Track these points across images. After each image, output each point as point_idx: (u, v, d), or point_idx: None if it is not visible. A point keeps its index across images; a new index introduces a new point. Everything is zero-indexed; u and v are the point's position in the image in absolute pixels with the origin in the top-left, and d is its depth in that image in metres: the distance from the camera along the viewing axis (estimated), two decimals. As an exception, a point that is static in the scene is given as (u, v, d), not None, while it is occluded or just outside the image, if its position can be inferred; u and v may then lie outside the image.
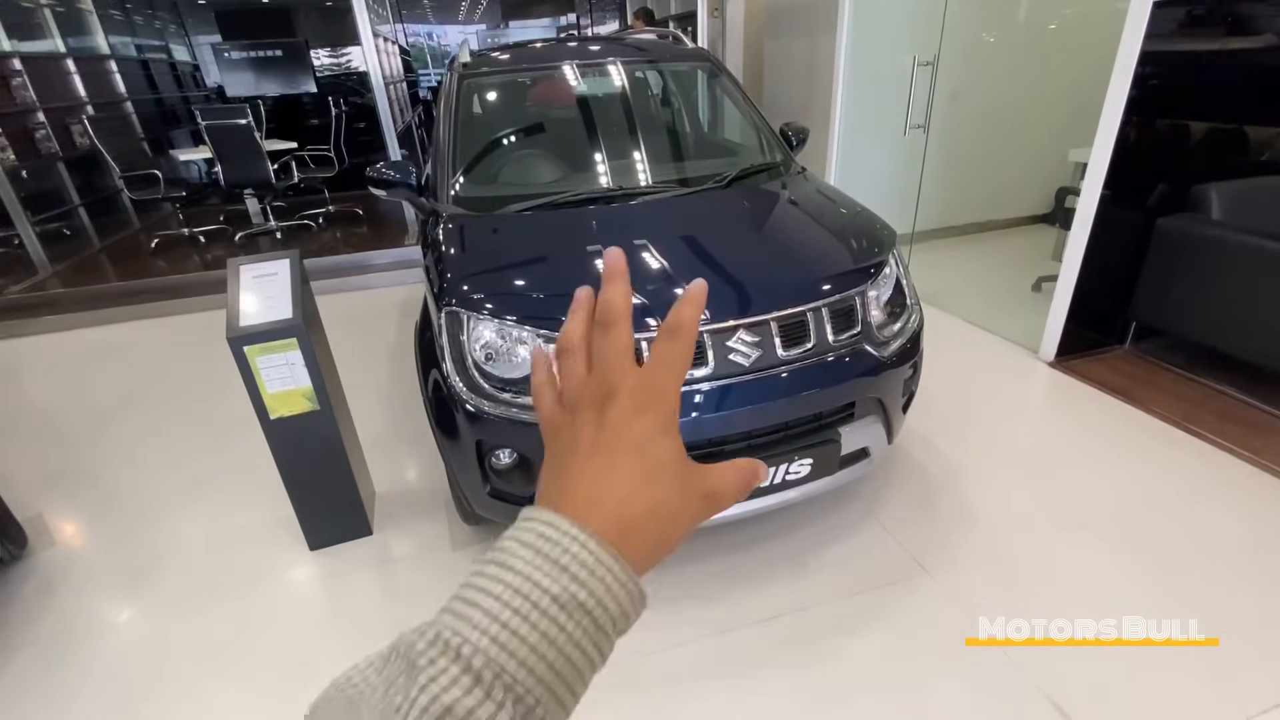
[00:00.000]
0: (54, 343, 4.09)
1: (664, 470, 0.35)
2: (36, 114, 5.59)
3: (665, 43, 3.28)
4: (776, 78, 5.09)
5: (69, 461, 2.79)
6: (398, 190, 2.50)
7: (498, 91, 2.94)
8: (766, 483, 1.79)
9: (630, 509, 0.33)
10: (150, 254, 5.47)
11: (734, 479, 0.38)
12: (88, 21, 6.71)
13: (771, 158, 2.64)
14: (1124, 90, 2.57)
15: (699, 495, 0.36)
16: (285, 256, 1.97)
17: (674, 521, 0.35)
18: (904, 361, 1.93)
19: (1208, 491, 2.23)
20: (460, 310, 1.76)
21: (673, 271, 1.87)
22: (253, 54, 6.77)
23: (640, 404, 0.35)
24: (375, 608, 1.97)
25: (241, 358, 1.82)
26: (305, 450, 2.02)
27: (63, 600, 2.05)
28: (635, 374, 0.36)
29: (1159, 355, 3.03)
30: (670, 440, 0.36)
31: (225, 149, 5.20)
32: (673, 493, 0.35)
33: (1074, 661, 1.66)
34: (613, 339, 0.37)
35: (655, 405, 0.36)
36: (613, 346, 0.37)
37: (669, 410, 0.36)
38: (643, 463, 0.34)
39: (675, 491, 0.35)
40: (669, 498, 0.35)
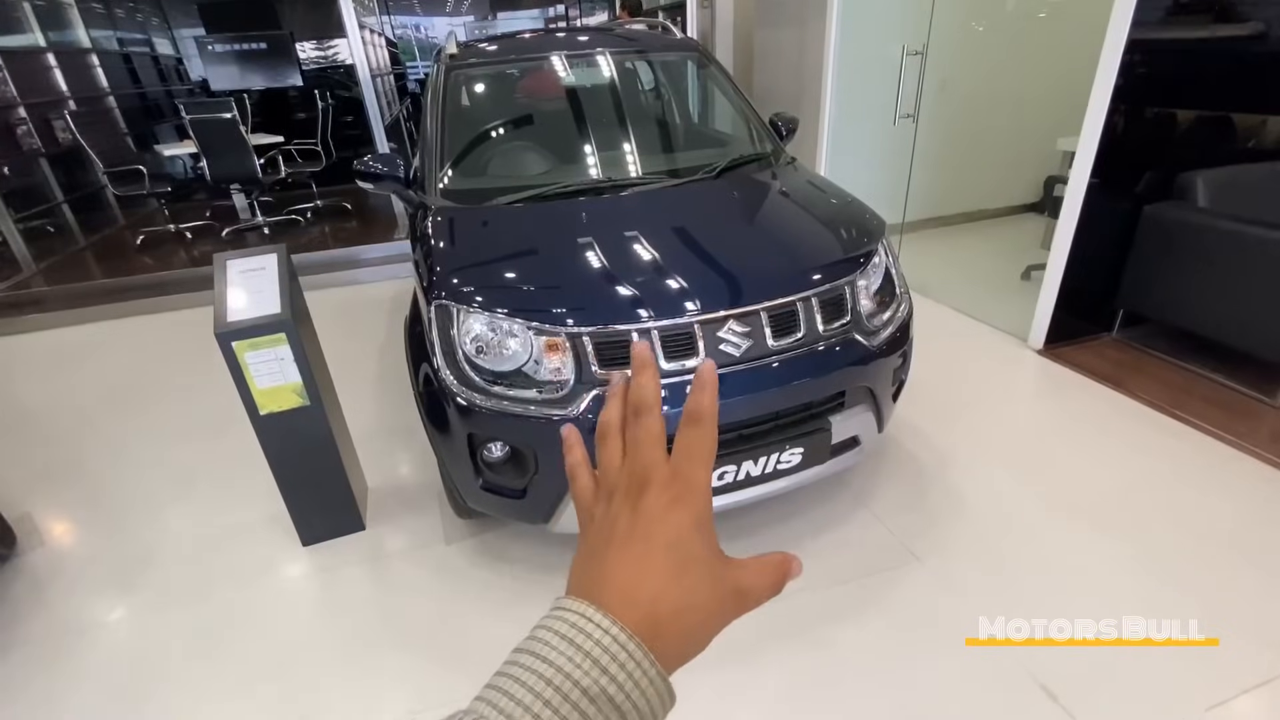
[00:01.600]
0: (39, 341, 4.05)
1: (697, 568, 0.35)
2: (17, 109, 5.50)
3: (654, 33, 3.26)
4: (766, 68, 5.07)
5: (57, 460, 2.77)
6: (385, 184, 2.48)
7: (485, 83, 2.92)
8: (758, 473, 1.80)
9: (663, 606, 0.33)
10: (136, 250, 5.41)
11: (767, 576, 0.38)
12: (68, 15, 6.59)
13: (761, 148, 2.64)
14: (1111, 78, 2.58)
15: (730, 592, 0.36)
16: (272, 251, 1.95)
17: (705, 621, 0.35)
18: (894, 350, 1.94)
19: (1195, 476, 2.26)
20: (450, 303, 1.76)
21: (663, 263, 1.87)
22: (237, 47, 6.67)
23: (675, 496, 0.36)
24: (369, 602, 1.97)
25: (230, 353, 1.80)
26: (296, 446, 2.01)
27: (53, 600, 2.04)
28: (669, 465, 0.37)
29: (1146, 342, 3.06)
30: (704, 537, 0.36)
31: (210, 143, 5.13)
32: (704, 591, 0.35)
33: (1063, 649, 1.69)
34: (646, 426, 0.38)
35: (689, 499, 0.36)
36: (646, 433, 0.38)
37: (703, 505, 0.36)
38: (676, 559, 0.35)
39: (706, 590, 0.35)
40: (701, 597, 0.35)
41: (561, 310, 1.72)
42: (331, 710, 1.66)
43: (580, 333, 1.69)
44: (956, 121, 4.46)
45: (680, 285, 1.77)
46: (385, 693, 1.68)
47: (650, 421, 0.38)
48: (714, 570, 0.36)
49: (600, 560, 0.35)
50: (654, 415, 0.39)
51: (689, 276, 1.80)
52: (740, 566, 0.37)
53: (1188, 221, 2.78)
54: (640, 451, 0.38)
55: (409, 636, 1.84)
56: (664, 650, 0.32)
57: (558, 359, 1.70)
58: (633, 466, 0.38)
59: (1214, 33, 2.76)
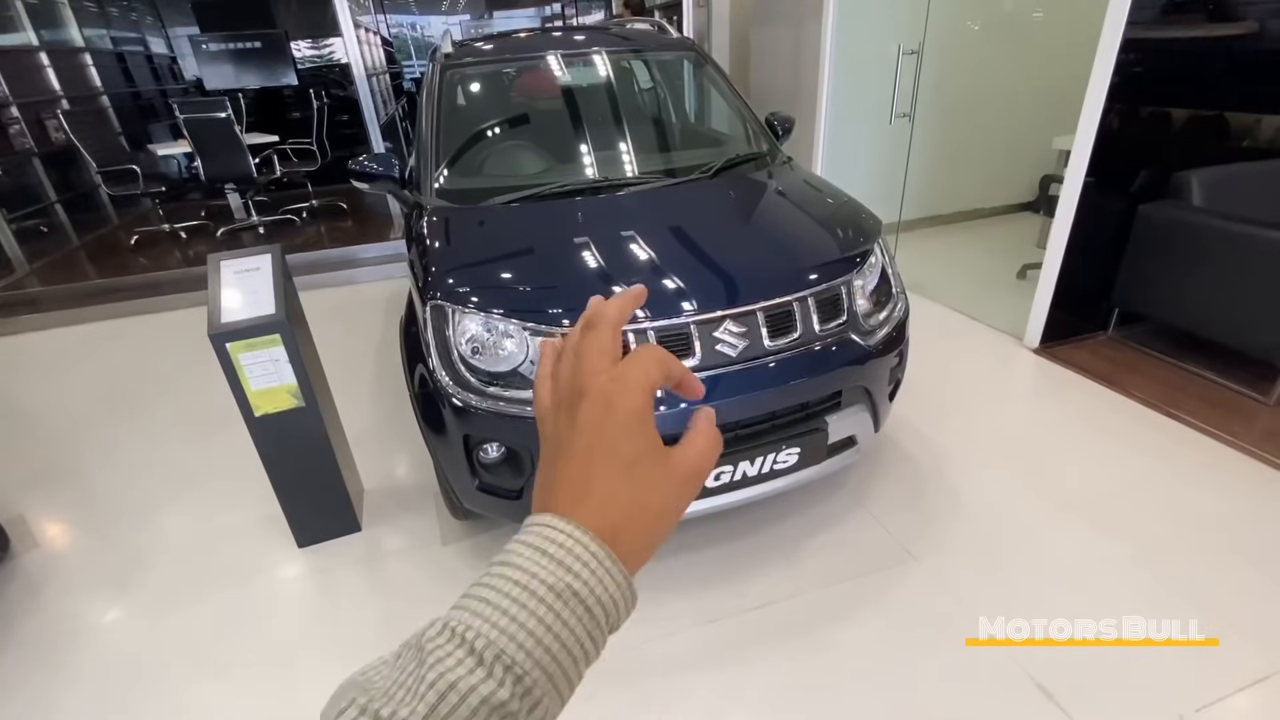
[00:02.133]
0: (32, 342, 4.02)
1: (640, 466, 0.35)
2: (10, 108, 5.47)
3: (650, 32, 3.26)
4: (763, 66, 5.07)
5: (51, 462, 2.75)
6: (381, 183, 2.47)
7: (481, 82, 2.91)
8: (755, 473, 1.79)
9: (614, 508, 0.34)
10: (130, 250, 5.38)
11: (704, 444, 0.38)
12: (61, 14, 6.56)
13: (757, 147, 2.63)
14: (1106, 77, 2.58)
15: (680, 480, 0.36)
16: (267, 251, 1.94)
17: (660, 514, 0.36)
18: (890, 350, 1.94)
19: (1191, 475, 2.27)
20: (445, 304, 1.75)
21: (660, 263, 1.87)
22: (231, 46, 6.64)
23: (607, 401, 0.36)
24: (365, 604, 1.96)
25: (224, 354, 1.79)
26: (291, 447, 2.00)
27: (47, 602, 2.03)
28: (607, 373, 0.37)
29: (1141, 341, 3.07)
30: (642, 435, 0.36)
31: (205, 143, 5.11)
32: (653, 486, 0.35)
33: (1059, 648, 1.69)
34: (592, 337, 0.38)
35: (621, 400, 0.36)
36: (590, 344, 0.38)
37: (635, 404, 0.36)
38: (617, 462, 0.35)
39: (656, 484, 0.36)
40: (650, 493, 0.35)
41: (557, 310, 1.72)
42: (328, 712, 1.66)
43: (576, 333, 1.68)
44: (952, 121, 4.47)
45: (676, 285, 1.77)
46: (382, 694, 1.68)
47: (596, 334, 0.38)
48: (658, 462, 0.36)
49: (553, 473, 0.36)
50: (603, 329, 0.39)
51: (685, 277, 1.80)
52: (680, 452, 0.37)
53: (1183, 220, 2.79)
54: (580, 362, 0.38)
55: (406, 638, 1.83)
56: (626, 549, 0.33)
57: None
58: (571, 377, 0.38)
59: (1209, 32, 2.77)
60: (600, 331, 0.39)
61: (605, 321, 0.39)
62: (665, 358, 0.38)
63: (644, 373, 0.37)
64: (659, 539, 0.36)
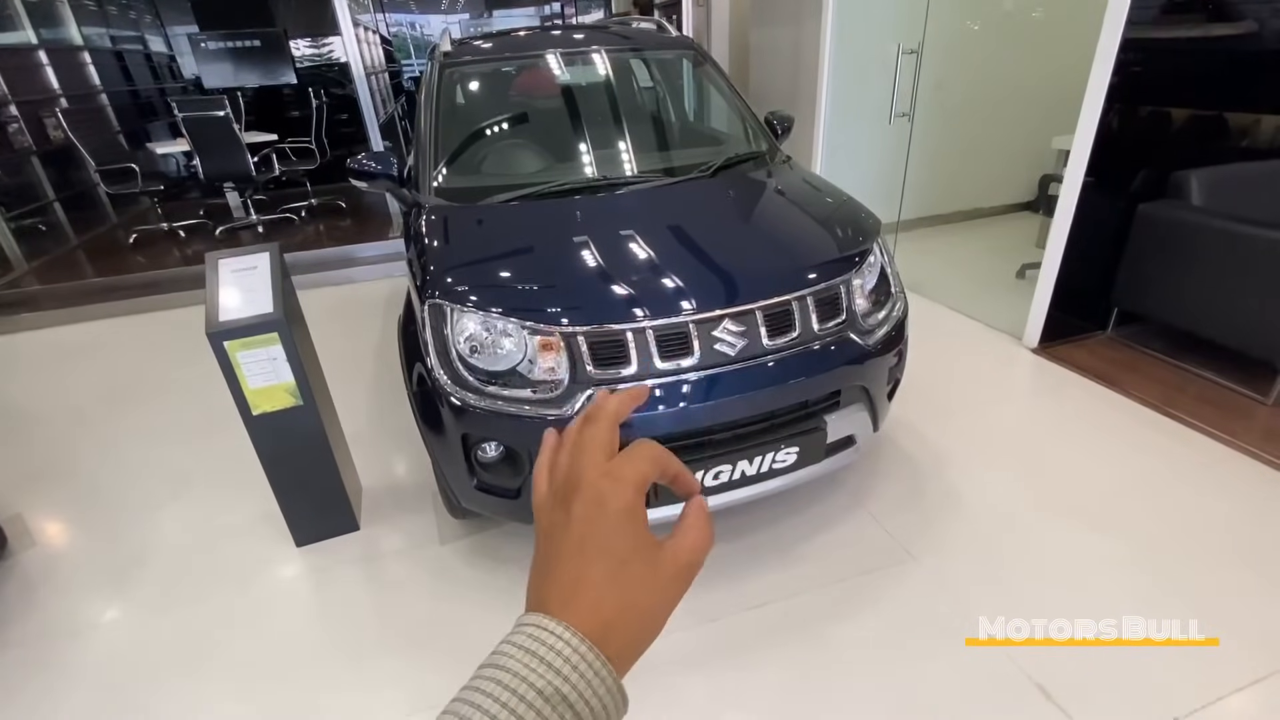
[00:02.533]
0: (31, 340, 4.02)
1: (631, 565, 0.35)
2: (9, 107, 5.46)
3: (650, 31, 3.25)
4: (762, 66, 5.06)
5: (48, 461, 2.75)
6: (379, 182, 2.47)
7: (480, 81, 2.91)
8: (753, 472, 1.79)
9: (606, 609, 0.34)
10: (128, 249, 5.37)
11: (696, 537, 0.38)
12: (60, 12, 6.54)
13: (757, 146, 2.63)
14: (1105, 77, 2.58)
15: (670, 577, 0.36)
16: (265, 250, 1.94)
17: (651, 613, 0.35)
18: (889, 349, 1.93)
19: (1191, 474, 2.27)
20: (444, 302, 1.75)
21: (659, 261, 1.87)
22: (230, 44, 6.64)
23: (599, 496, 0.36)
24: (363, 603, 1.96)
25: (222, 353, 1.79)
26: (289, 446, 2.00)
27: (45, 601, 2.02)
28: (601, 467, 0.37)
29: (1140, 340, 3.07)
30: (632, 533, 0.36)
31: (203, 141, 5.11)
32: (643, 586, 0.35)
33: (1056, 648, 1.69)
34: (587, 431, 0.39)
35: (614, 496, 0.36)
36: (586, 438, 0.38)
37: (627, 500, 0.36)
38: (609, 561, 0.35)
39: (646, 583, 0.35)
40: (640, 594, 0.35)
41: (556, 309, 1.72)
42: (328, 711, 1.65)
43: (575, 332, 1.68)
44: (952, 120, 4.46)
45: (675, 284, 1.76)
46: (382, 693, 1.67)
47: (593, 428, 0.39)
48: (649, 560, 0.36)
49: (547, 570, 0.36)
50: (600, 423, 0.39)
51: (684, 275, 1.80)
52: (671, 545, 0.37)
53: (1182, 220, 2.79)
54: (575, 456, 0.38)
55: (404, 637, 1.83)
56: (616, 649, 0.33)
57: (552, 358, 1.69)
58: (568, 471, 0.38)
59: (1208, 31, 2.77)
60: (599, 426, 0.39)
61: (604, 415, 0.39)
62: (660, 455, 0.39)
63: (637, 469, 0.37)
64: (649, 638, 0.36)
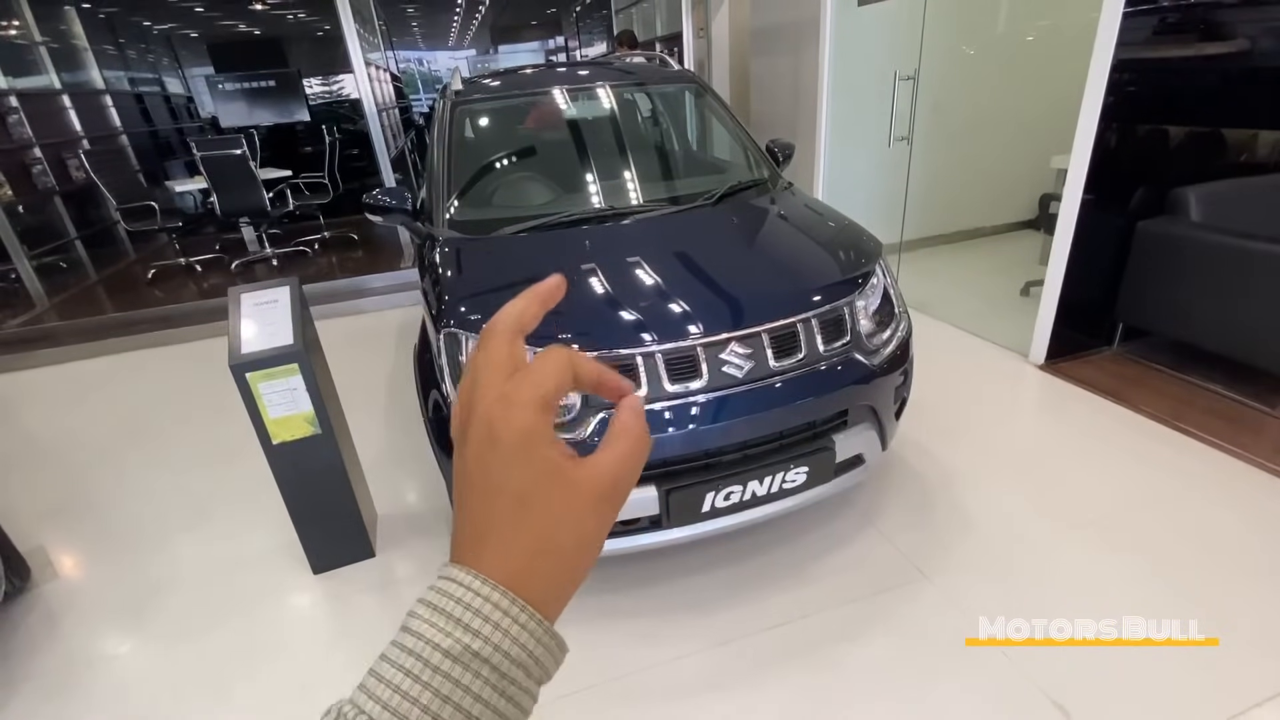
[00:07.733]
0: (52, 376, 4.10)
1: (534, 500, 0.30)
2: (33, 149, 5.65)
3: (652, 65, 3.36)
4: (763, 95, 5.18)
5: (70, 493, 2.80)
6: (394, 216, 2.55)
7: (490, 117, 3.01)
8: (764, 492, 1.81)
9: (515, 553, 0.30)
10: (147, 284, 5.50)
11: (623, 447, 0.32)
12: (83, 57, 6.80)
13: (759, 174, 2.70)
14: (1099, 97, 2.64)
15: (594, 498, 0.31)
16: (285, 284, 2.00)
17: (573, 548, 0.31)
18: (894, 368, 1.97)
19: (1199, 488, 2.26)
20: (459, 331, 1.80)
21: (666, 287, 1.91)
22: (246, 85, 6.87)
23: (489, 426, 0.30)
24: (380, 630, 1.98)
25: (244, 384, 1.84)
26: (307, 474, 2.04)
27: (67, 632, 2.05)
28: (495, 390, 0.31)
29: (1146, 355, 3.08)
30: (528, 463, 0.30)
31: (220, 179, 5.26)
32: (556, 519, 0.30)
33: (1074, 661, 1.68)
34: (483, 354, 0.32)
35: (505, 423, 0.30)
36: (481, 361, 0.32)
37: (522, 424, 0.30)
38: (507, 499, 0.30)
39: (559, 515, 0.30)
40: (554, 528, 0.30)
41: (567, 336, 1.76)
42: (344, 738, 1.66)
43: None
44: (951, 142, 4.54)
45: (683, 309, 1.81)
46: None
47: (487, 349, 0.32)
48: (562, 486, 0.30)
49: (458, 516, 0.32)
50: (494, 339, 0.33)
51: (691, 300, 1.84)
52: (591, 457, 0.32)
53: (1181, 236, 2.82)
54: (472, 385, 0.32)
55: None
56: (538, 593, 0.29)
57: (564, 383, 1.73)
58: (464, 402, 0.32)
59: (1200, 50, 2.83)
60: (493, 342, 0.32)
61: (498, 330, 0.33)
62: (566, 361, 0.32)
63: (535, 385, 0.31)
64: (579, 573, 0.31)
